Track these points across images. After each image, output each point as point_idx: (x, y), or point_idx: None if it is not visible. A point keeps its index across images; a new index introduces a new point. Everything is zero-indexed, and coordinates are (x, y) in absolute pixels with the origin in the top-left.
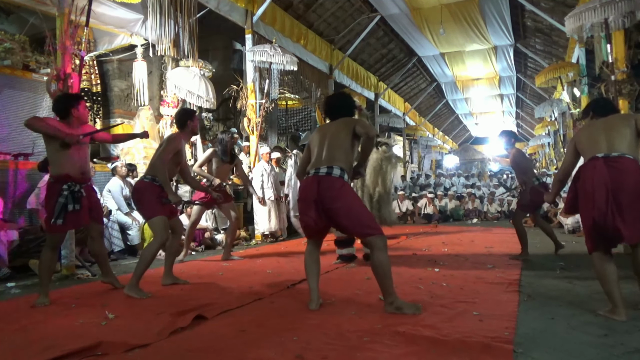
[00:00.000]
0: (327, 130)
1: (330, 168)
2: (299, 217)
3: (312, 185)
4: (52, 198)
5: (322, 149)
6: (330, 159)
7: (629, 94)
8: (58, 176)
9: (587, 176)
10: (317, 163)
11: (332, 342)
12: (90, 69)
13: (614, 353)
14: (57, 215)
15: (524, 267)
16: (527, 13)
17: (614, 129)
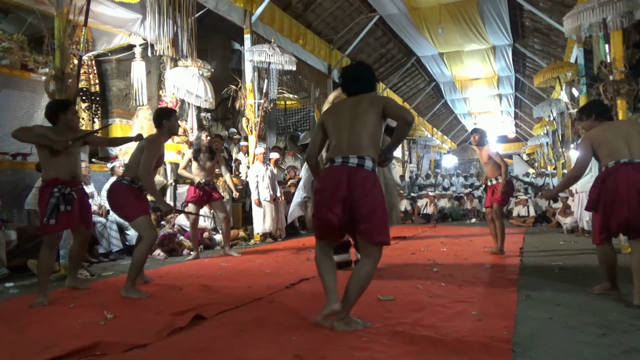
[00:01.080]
0: (349, 109)
1: (361, 159)
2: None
3: (342, 177)
4: (44, 201)
5: (344, 132)
6: (358, 146)
7: (627, 93)
8: (49, 180)
9: (621, 180)
10: (342, 150)
11: (331, 341)
12: (88, 68)
13: (612, 352)
14: (49, 215)
15: (523, 267)
16: (526, 13)
17: (632, 136)
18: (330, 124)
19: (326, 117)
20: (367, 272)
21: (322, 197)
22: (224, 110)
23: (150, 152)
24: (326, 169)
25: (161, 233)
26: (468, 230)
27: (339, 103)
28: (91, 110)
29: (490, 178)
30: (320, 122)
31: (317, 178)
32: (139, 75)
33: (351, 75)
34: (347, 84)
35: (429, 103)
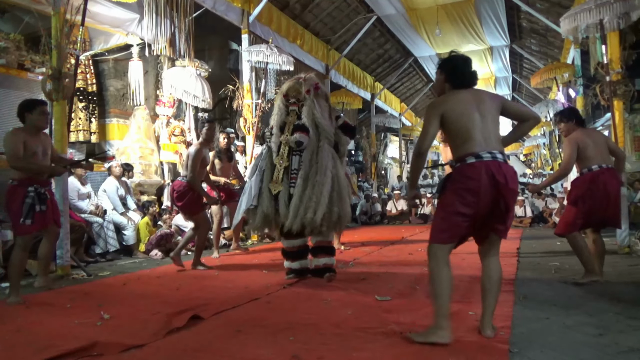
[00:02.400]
0: (474, 104)
1: (502, 154)
2: (448, 213)
3: (496, 172)
4: (16, 201)
5: (476, 126)
6: (494, 141)
7: (623, 94)
8: (22, 179)
9: (607, 181)
10: (482, 145)
11: (329, 342)
12: (85, 68)
13: (608, 352)
14: (25, 215)
15: (520, 267)
16: (523, 14)
17: (603, 144)
18: (455, 117)
19: (447, 109)
20: (501, 270)
21: (469, 194)
22: (222, 110)
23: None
24: (475, 164)
25: (158, 233)
26: None
27: (453, 95)
28: (88, 110)
29: None
30: (437, 113)
31: (460, 172)
32: (137, 75)
33: (467, 67)
34: (462, 76)
35: (427, 103)
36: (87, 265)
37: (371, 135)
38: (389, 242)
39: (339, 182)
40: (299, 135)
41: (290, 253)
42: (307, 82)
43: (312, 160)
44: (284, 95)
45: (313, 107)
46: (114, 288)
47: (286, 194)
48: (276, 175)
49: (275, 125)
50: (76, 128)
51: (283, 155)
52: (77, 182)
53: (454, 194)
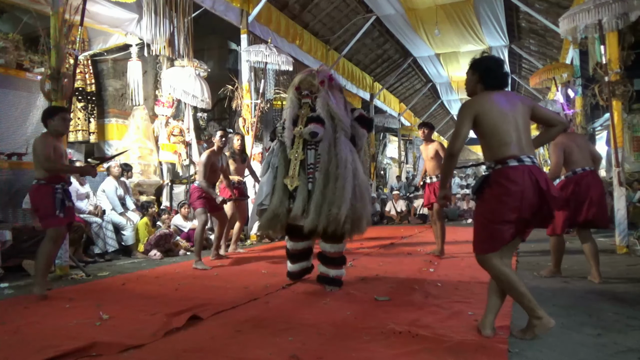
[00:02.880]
0: (507, 106)
1: (534, 159)
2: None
3: (537, 177)
4: (45, 197)
5: (511, 129)
6: (528, 145)
7: (622, 95)
8: (50, 178)
9: (591, 183)
10: (518, 148)
11: (328, 342)
12: (84, 68)
13: (607, 352)
14: (59, 208)
15: (518, 267)
16: (522, 14)
17: (586, 148)
18: (490, 118)
19: (482, 110)
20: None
21: (514, 196)
22: (221, 110)
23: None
24: (519, 167)
25: (157, 233)
26: (464, 230)
27: (487, 96)
28: (87, 110)
29: (431, 176)
30: (471, 114)
31: (503, 175)
32: (135, 75)
33: (500, 68)
34: (495, 77)
35: (426, 104)
36: (86, 266)
37: (370, 135)
38: (388, 242)
39: (359, 177)
40: (313, 126)
41: (294, 255)
42: (321, 73)
43: (331, 152)
44: (296, 88)
45: (328, 98)
46: (112, 288)
47: (304, 190)
48: (292, 169)
49: (288, 118)
50: (75, 128)
51: (298, 149)
52: (76, 182)
53: (498, 202)
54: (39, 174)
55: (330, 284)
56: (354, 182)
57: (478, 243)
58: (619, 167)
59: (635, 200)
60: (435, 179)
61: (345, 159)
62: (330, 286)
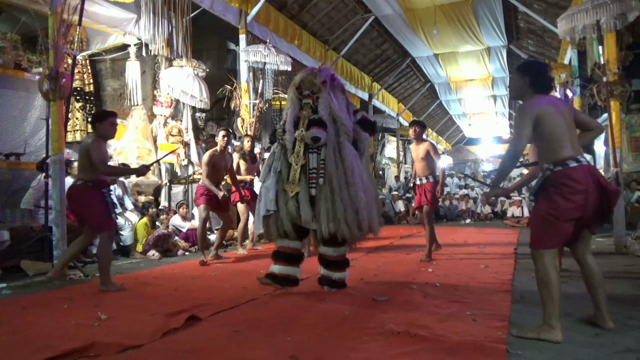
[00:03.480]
0: (562, 110)
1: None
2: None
3: (597, 176)
4: (95, 200)
5: (566, 132)
6: (579, 148)
7: (620, 95)
8: (95, 181)
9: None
10: (577, 149)
11: (326, 342)
12: (82, 68)
13: (605, 352)
14: (112, 211)
15: (517, 268)
16: (520, 15)
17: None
18: (550, 121)
19: (542, 113)
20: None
21: (579, 194)
22: (219, 110)
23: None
24: (578, 167)
25: (156, 233)
26: (463, 230)
27: (544, 100)
28: (85, 110)
29: (421, 177)
30: (532, 117)
31: (565, 176)
32: (134, 75)
33: (548, 73)
34: (545, 81)
35: (424, 104)
36: (84, 266)
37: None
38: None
39: (364, 184)
40: (315, 130)
41: (284, 255)
42: (322, 72)
43: (336, 158)
44: (297, 88)
45: (330, 99)
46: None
47: (306, 196)
48: (292, 175)
49: (289, 120)
50: (73, 128)
51: (299, 153)
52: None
53: (565, 200)
54: (86, 175)
55: (332, 286)
56: (363, 188)
57: (538, 239)
58: (617, 167)
59: (633, 200)
60: (425, 181)
61: (352, 165)
62: (331, 287)
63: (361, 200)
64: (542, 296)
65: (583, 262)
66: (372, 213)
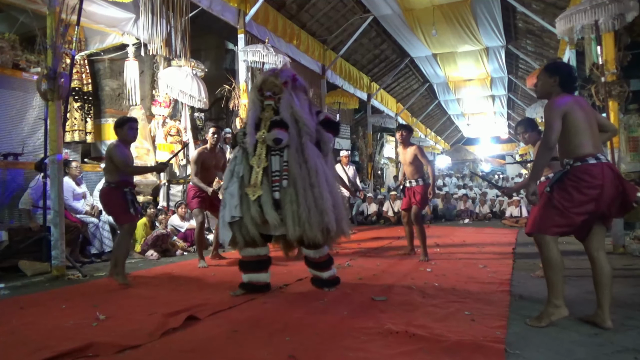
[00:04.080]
0: (588, 109)
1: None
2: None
3: (615, 174)
4: (117, 198)
5: (589, 130)
6: (601, 147)
7: (618, 95)
8: (119, 182)
9: None
10: (598, 147)
11: (325, 342)
12: (81, 68)
13: (603, 352)
14: (130, 207)
15: (515, 267)
16: (519, 15)
17: None
18: (577, 118)
19: (570, 110)
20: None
21: (596, 189)
22: (218, 110)
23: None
24: (597, 164)
25: (154, 234)
26: (461, 230)
27: (572, 98)
28: (84, 110)
29: (410, 180)
30: (561, 113)
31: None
32: (132, 75)
33: (575, 73)
34: (574, 82)
35: (423, 104)
36: (83, 266)
37: (367, 135)
38: (385, 242)
39: (330, 184)
40: (277, 131)
41: (250, 264)
42: (284, 73)
43: (299, 159)
44: (258, 90)
45: (292, 100)
46: (109, 288)
47: (269, 199)
48: (254, 178)
49: (249, 122)
50: (71, 128)
51: (260, 156)
52: (72, 183)
53: (579, 193)
54: (110, 177)
55: (325, 285)
56: (328, 189)
57: (546, 224)
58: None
59: None
60: (415, 183)
61: (316, 166)
62: (327, 287)
63: (326, 201)
64: (548, 277)
65: (595, 259)
66: (340, 214)
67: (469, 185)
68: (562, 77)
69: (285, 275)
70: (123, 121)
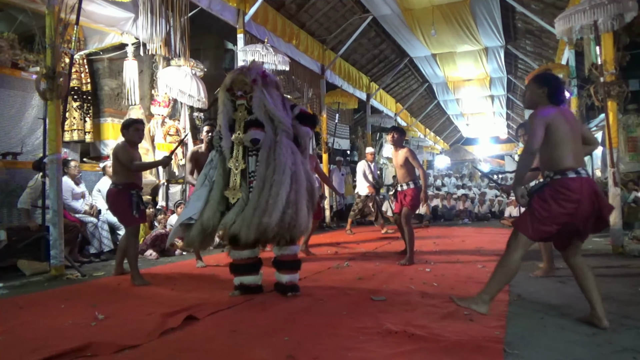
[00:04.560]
0: (570, 121)
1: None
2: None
3: (595, 190)
4: (122, 201)
5: (572, 143)
6: (583, 160)
7: (617, 95)
8: (125, 184)
9: None
10: (578, 161)
11: (323, 342)
12: (80, 67)
13: (602, 352)
14: (134, 209)
15: None
16: (518, 15)
17: None
18: (559, 129)
19: (553, 121)
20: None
21: (572, 203)
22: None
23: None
24: (576, 179)
25: (153, 233)
26: (460, 230)
27: (557, 110)
28: (83, 109)
29: (402, 183)
30: (544, 122)
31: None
32: (131, 75)
33: (563, 86)
34: (562, 94)
35: (422, 104)
36: (81, 266)
37: (367, 135)
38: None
39: (297, 181)
40: (253, 132)
41: (239, 266)
42: (253, 70)
43: (270, 158)
44: (228, 89)
45: (264, 98)
46: (108, 288)
47: (243, 202)
48: (233, 180)
49: (223, 124)
50: (70, 127)
51: (238, 157)
52: (71, 182)
53: (556, 204)
54: (116, 179)
55: (286, 291)
56: (290, 187)
57: (529, 227)
58: (614, 168)
59: (630, 200)
60: (406, 187)
61: (284, 164)
62: (289, 293)
63: (278, 200)
64: (495, 275)
65: (574, 266)
66: (299, 212)
67: (468, 186)
68: (551, 88)
69: None
70: (129, 123)
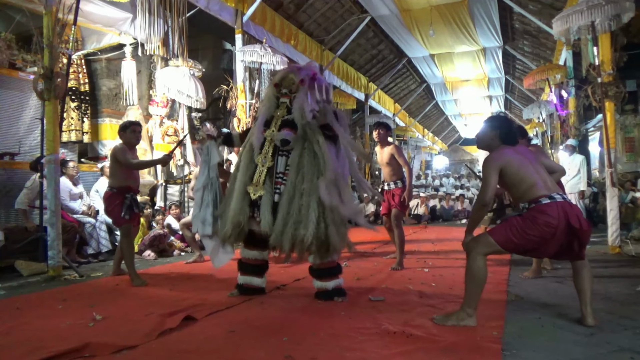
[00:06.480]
0: (528, 156)
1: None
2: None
3: (572, 211)
4: (115, 203)
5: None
6: (554, 184)
7: (614, 96)
8: (120, 187)
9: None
10: (548, 187)
11: (322, 342)
12: (78, 67)
13: (600, 352)
14: (125, 212)
15: (512, 268)
16: (516, 15)
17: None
18: (515, 168)
19: (506, 163)
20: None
21: (549, 226)
22: (215, 110)
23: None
24: (552, 203)
25: (152, 234)
26: (459, 230)
27: (506, 150)
28: (80, 109)
29: (388, 182)
30: (497, 167)
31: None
32: (129, 75)
33: (514, 128)
34: (515, 136)
35: (420, 104)
36: (79, 266)
37: (365, 135)
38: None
39: (339, 188)
40: (285, 132)
41: (246, 265)
42: (304, 71)
43: (300, 164)
44: (275, 85)
45: (305, 100)
46: (106, 289)
47: (269, 201)
48: (257, 176)
49: (260, 118)
50: (68, 128)
51: (267, 154)
52: (69, 183)
53: (533, 224)
54: (113, 182)
55: (332, 296)
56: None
57: (502, 236)
58: (612, 168)
59: (627, 200)
60: (393, 186)
61: (313, 172)
62: (336, 297)
63: (313, 212)
64: (467, 286)
65: (574, 264)
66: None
67: (466, 186)
68: (503, 130)
69: (283, 276)
70: (126, 125)
